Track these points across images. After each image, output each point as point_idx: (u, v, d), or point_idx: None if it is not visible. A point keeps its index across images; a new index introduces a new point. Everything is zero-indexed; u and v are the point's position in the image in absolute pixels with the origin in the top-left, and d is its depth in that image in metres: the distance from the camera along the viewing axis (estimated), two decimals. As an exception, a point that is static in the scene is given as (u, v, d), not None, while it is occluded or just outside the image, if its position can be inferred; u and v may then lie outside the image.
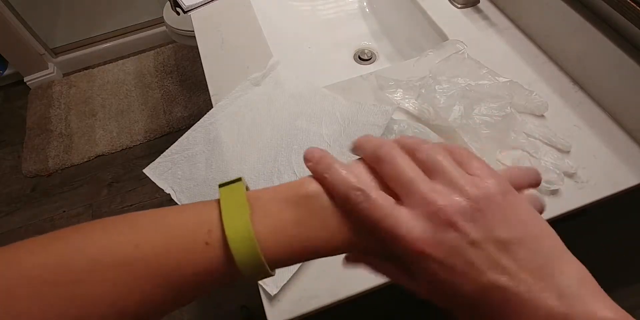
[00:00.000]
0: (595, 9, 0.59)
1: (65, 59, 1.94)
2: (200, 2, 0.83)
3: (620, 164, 0.55)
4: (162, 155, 0.62)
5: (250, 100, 0.66)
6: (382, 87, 0.63)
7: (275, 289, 0.48)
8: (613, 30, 0.57)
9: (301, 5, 0.94)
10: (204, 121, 0.65)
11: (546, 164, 0.54)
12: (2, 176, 1.64)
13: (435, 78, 0.60)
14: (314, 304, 0.47)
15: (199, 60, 0.75)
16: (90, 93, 1.85)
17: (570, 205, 0.53)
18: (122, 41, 1.97)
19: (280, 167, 0.58)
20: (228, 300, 1.22)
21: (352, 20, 0.93)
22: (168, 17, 1.39)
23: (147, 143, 1.68)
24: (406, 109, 0.62)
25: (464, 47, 0.65)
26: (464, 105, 0.56)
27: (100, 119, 1.75)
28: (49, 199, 1.56)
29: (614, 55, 0.56)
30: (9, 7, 1.66)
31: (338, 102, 0.64)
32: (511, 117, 0.57)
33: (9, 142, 1.74)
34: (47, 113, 1.80)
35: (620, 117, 0.59)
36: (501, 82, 0.60)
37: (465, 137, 0.55)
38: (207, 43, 0.77)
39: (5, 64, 1.89)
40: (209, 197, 0.57)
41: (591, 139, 0.58)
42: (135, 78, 1.88)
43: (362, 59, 0.86)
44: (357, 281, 0.48)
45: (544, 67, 0.66)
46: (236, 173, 0.59)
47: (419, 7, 0.78)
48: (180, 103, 1.77)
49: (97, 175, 1.61)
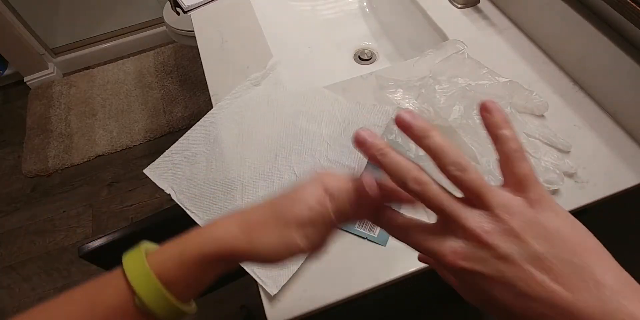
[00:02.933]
0: (595, 9, 0.59)
1: (65, 59, 1.94)
2: (200, 2, 0.83)
3: (620, 164, 0.55)
4: (162, 156, 0.62)
5: (250, 100, 0.66)
6: (382, 87, 0.63)
7: (275, 289, 0.48)
8: (613, 30, 0.57)
9: (301, 5, 0.94)
10: (204, 121, 0.65)
11: (546, 164, 0.54)
12: (2, 176, 1.64)
13: (435, 78, 0.60)
14: (314, 304, 0.47)
15: (199, 60, 0.75)
16: (90, 93, 1.85)
17: (570, 205, 0.53)
18: (122, 41, 1.97)
19: (280, 167, 0.58)
20: (228, 300, 1.22)
21: (352, 20, 0.93)
22: (168, 17, 1.39)
23: (147, 143, 1.68)
24: (406, 109, 0.62)
25: (464, 47, 0.65)
26: (464, 105, 0.56)
27: (100, 119, 1.75)
28: (49, 199, 1.56)
29: (614, 55, 0.56)
30: (9, 7, 1.66)
31: (338, 102, 0.64)
32: (511, 117, 0.57)
33: (9, 142, 1.74)
34: (47, 113, 1.80)
35: (620, 117, 0.59)
36: (501, 82, 0.60)
37: (465, 137, 0.54)
38: (207, 43, 0.77)
39: (5, 64, 1.89)
40: (208, 197, 0.57)
41: (591, 139, 0.58)
42: (135, 78, 1.88)
43: (362, 59, 0.86)
44: (357, 281, 0.48)
45: (544, 67, 0.66)
46: (236, 173, 0.59)
47: (419, 7, 0.78)
48: (180, 103, 1.76)
49: (97, 175, 1.61)
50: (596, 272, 0.22)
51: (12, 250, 1.45)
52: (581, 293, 0.21)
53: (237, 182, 0.58)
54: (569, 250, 0.23)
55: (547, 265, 0.22)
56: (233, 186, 0.57)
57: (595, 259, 0.22)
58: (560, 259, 0.22)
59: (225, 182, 0.58)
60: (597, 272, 0.22)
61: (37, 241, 1.46)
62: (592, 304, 0.21)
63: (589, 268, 0.22)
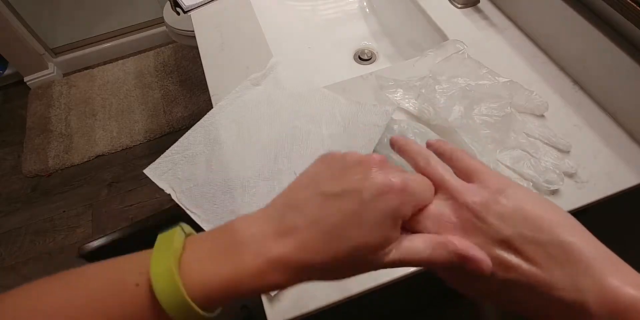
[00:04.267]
0: (595, 9, 0.59)
1: (65, 59, 1.94)
2: (200, 2, 0.83)
3: (620, 164, 0.55)
4: (162, 156, 0.62)
5: (250, 100, 0.66)
6: (382, 87, 0.63)
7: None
8: (613, 30, 0.57)
9: (301, 5, 0.94)
10: (204, 121, 0.65)
11: (546, 164, 0.54)
12: (2, 176, 1.64)
13: (435, 78, 0.60)
14: (314, 304, 0.47)
15: (199, 60, 0.75)
16: (90, 93, 1.85)
17: (570, 205, 0.53)
18: (122, 41, 1.97)
19: (280, 167, 0.58)
20: (228, 300, 1.21)
21: (352, 20, 0.93)
22: (168, 17, 1.39)
23: (147, 143, 1.68)
24: (406, 109, 0.62)
25: (464, 47, 0.65)
26: (464, 105, 0.56)
27: (100, 119, 1.75)
28: (49, 199, 1.56)
29: (614, 55, 0.56)
30: (9, 7, 1.66)
31: (338, 102, 0.64)
32: (511, 117, 0.57)
33: (9, 142, 1.74)
34: (47, 113, 1.80)
35: (620, 117, 0.59)
36: (501, 82, 0.60)
37: (465, 137, 0.54)
38: (207, 43, 0.77)
39: (5, 64, 1.89)
40: (209, 197, 0.57)
41: (591, 139, 0.58)
42: (135, 78, 1.88)
43: (362, 59, 0.86)
44: (357, 281, 0.48)
45: (544, 67, 0.66)
46: (236, 173, 0.59)
47: (419, 7, 0.78)
48: (180, 103, 1.76)
49: (97, 175, 1.61)
50: (570, 248, 0.22)
51: (12, 250, 1.45)
52: (554, 271, 0.22)
53: (237, 182, 0.58)
54: (534, 228, 0.23)
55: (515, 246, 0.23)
56: (233, 186, 0.57)
57: (567, 234, 0.22)
58: (526, 237, 0.23)
59: (225, 182, 0.58)
60: (571, 248, 0.22)
61: (37, 241, 1.46)
62: (565, 280, 0.21)
63: (560, 244, 0.22)
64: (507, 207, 0.24)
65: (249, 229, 0.25)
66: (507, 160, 0.55)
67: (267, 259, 0.23)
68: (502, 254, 0.23)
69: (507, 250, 0.23)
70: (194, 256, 0.24)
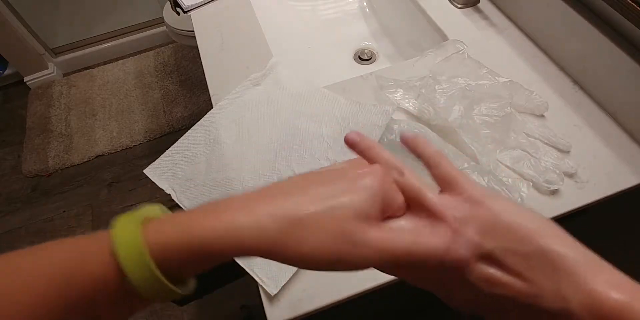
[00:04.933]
0: (595, 9, 0.59)
1: (65, 59, 1.94)
2: (200, 2, 0.83)
3: (620, 164, 0.55)
4: (162, 156, 0.62)
5: (250, 100, 0.66)
6: (382, 87, 0.63)
7: (275, 289, 0.48)
8: (613, 30, 0.57)
9: (301, 5, 0.94)
10: (204, 121, 0.65)
11: (546, 164, 0.54)
12: (2, 176, 1.64)
13: (435, 78, 0.60)
14: (314, 304, 0.47)
15: (199, 60, 0.75)
16: (90, 93, 1.85)
17: (570, 205, 0.53)
18: (122, 41, 1.97)
19: (280, 167, 0.58)
20: (228, 300, 1.22)
21: (352, 20, 0.93)
22: (168, 17, 1.39)
23: (147, 143, 1.68)
24: (406, 109, 0.62)
25: (464, 47, 0.65)
26: (464, 105, 0.56)
27: (100, 119, 1.75)
28: (49, 199, 1.56)
29: (614, 55, 0.56)
30: (9, 7, 1.66)
31: (338, 102, 0.64)
32: (511, 117, 0.57)
33: (9, 142, 1.74)
34: (47, 113, 1.80)
35: (620, 117, 0.59)
36: (501, 82, 0.60)
37: (465, 137, 0.54)
38: (207, 43, 0.77)
39: (5, 64, 1.89)
40: (208, 197, 0.57)
41: (591, 139, 0.58)
42: (135, 78, 1.88)
43: (362, 59, 0.86)
44: (357, 281, 0.48)
45: (544, 67, 0.66)
46: (236, 173, 0.59)
47: (419, 7, 0.78)
48: (180, 103, 1.76)
49: (97, 175, 1.61)
50: (553, 256, 0.22)
51: (12, 250, 1.45)
52: (539, 281, 0.22)
53: (237, 182, 0.58)
54: (516, 239, 0.23)
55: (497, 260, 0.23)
56: (233, 186, 0.57)
57: (550, 242, 0.22)
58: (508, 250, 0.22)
59: (225, 182, 0.58)
60: (554, 256, 0.22)
61: (37, 241, 1.43)
62: (551, 289, 0.21)
63: (543, 253, 0.22)
64: (488, 220, 0.23)
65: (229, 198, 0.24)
66: (507, 160, 0.55)
67: (249, 211, 0.22)
68: (486, 270, 0.23)
69: (491, 265, 0.23)
70: (159, 220, 0.24)
